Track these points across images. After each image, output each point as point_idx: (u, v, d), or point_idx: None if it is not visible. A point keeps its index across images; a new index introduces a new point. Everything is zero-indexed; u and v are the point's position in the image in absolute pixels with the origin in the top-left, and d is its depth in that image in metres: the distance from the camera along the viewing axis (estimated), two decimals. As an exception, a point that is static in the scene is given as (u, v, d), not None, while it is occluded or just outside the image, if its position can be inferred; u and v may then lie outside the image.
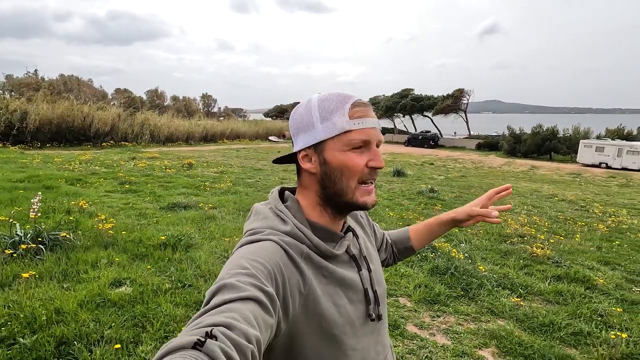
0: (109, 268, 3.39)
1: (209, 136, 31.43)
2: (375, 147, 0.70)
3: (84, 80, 41.27)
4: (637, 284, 4.04)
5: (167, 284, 3.16)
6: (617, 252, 5.20)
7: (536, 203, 9.18)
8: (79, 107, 20.91)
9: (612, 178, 18.41)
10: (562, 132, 28.23)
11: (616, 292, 3.67)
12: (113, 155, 15.39)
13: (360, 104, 0.70)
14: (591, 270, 4.27)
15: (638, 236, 6.20)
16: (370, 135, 0.69)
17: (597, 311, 3.22)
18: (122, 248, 3.97)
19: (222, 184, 8.95)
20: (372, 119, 0.70)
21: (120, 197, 6.90)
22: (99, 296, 2.78)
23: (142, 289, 2.98)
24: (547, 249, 4.83)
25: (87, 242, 3.95)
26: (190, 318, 2.05)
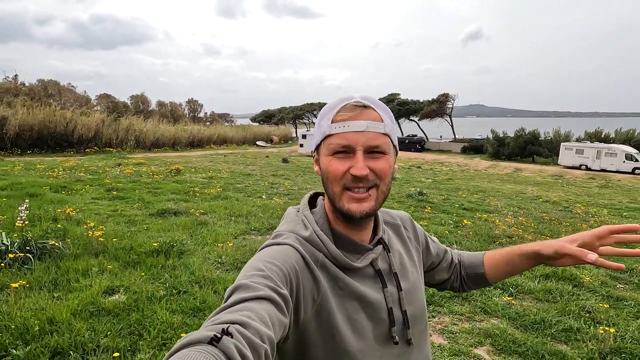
0: (101, 276, 3.33)
1: (195, 141, 31.12)
2: (360, 154, 0.64)
3: (64, 85, 40.36)
4: (621, 280, 4.19)
5: (161, 291, 3.12)
6: (601, 250, 5.38)
7: (522, 204, 9.41)
8: (61, 112, 20.42)
9: (592, 179, 19.03)
10: (543, 135, 29.07)
11: (602, 289, 3.80)
12: (98, 161, 15.08)
13: (350, 107, 0.66)
14: (577, 268, 4.40)
15: (619, 235, 6.42)
16: (351, 139, 0.64)
17: (585, 308, 3.32)
18: (113, 255, 3.90)
19: (211, 189, 8.88)
20: (358, 121, 0.64)
21: (107, 204, 6.77)
22: (92, 305, 2.72)
23: (136, 297, 2.93)
24: (534, 249, 4.96)
25: (76, 250, 3.86)
26: (187, 325, 2.03)
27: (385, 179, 0.67)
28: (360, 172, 0.63)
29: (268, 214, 6.50)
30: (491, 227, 6.20)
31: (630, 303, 3.48)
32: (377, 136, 0.65)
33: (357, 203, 0.65)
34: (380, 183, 0.66)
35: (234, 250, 4.33)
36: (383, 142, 0.65)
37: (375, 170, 0.65)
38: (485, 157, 30.52)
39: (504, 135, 30.60)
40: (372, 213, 0.67)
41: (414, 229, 0.86)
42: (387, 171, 0.66)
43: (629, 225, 0.75)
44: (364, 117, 0.65)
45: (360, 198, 0.65)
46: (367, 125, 0.64)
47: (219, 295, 3.17)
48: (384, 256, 0.74)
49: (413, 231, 0.85)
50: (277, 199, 8.30)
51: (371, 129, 0.64)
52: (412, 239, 0.84)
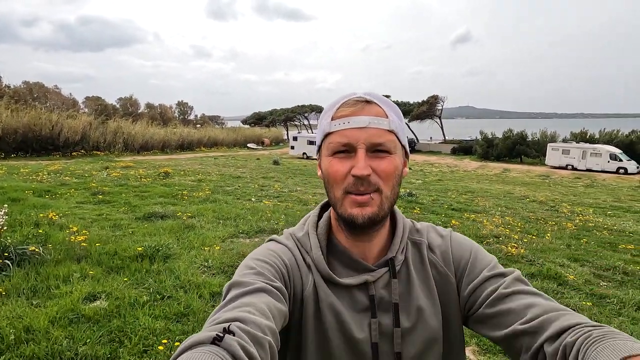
0: (83, 282, 3.25)
1: (185, 144, 30.85)
2: (361, 152, 0.57)
3: (50, 87, 39.67)
4: (605, 278, 4.26)
5: (145, 297, 3.05)
6: (585, 249, 5.46)
7: (509, 204, 9.53)
8: (46, 115, 20.04)
9: (577, 179, 19.39)
10: (530, 136, 29.56)
11: (586, 287, 3.85)
12: (84, 165, 14.82)
13: (352, 103, 0.59)
14: (562, 267, 4.47)
15: (604, 233, 6.54)
16: (351, 137, 0.57)
17: (569, 306, 3.35)
18: (95, 261, 3.82)
19: (200, 192, 8.79)
20: (359, 117, 0.58)
21: (92, 208, 6.64)
22: (72, 312, 2.65)
23: (118, 303, 2.87)
24: (521, 248, 5.01)
25: (57, 255, 3.77)
26: (170, 331, 1.96)
27: (389, 182, 0.59)
28: (361, 172, 0.56)
29: (257, 216, 6.46)
30: (479, 227, 6.26)
31: (613, 300, 3.54)
32: (380, 133, 0.58)
33: (359, 207, 0.58)
34: (383, 186, 0.58)
35: (221, 253, 4.28)
36: (388, 139, 0.58)
37: (377, 171, 0.58)
38: (474, 158, 30.88)
39: (492, 136, 31.02)
40: (375, 219, 0.59)
41: (446, 252, 0.66)
42: (391, 172, 0.59)
43: None
44: (365, 112, 0.59)
45: (362, 202, 0.58)
46: (369, 121, 0.58)
47: (204, 300, 3.12)
48: (384, 280, 0.63)
49: (444, 254, 0.66)
50: (267, 201, 8.25)
51: (374, 125, 0.58)
52: (438, 263, 0.65)
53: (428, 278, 0.64)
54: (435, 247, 0.67)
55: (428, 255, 0.66)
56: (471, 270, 0.63)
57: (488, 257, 0.65)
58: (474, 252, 0.65)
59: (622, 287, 3.98)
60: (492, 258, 0.64)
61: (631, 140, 25.44)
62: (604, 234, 6.48)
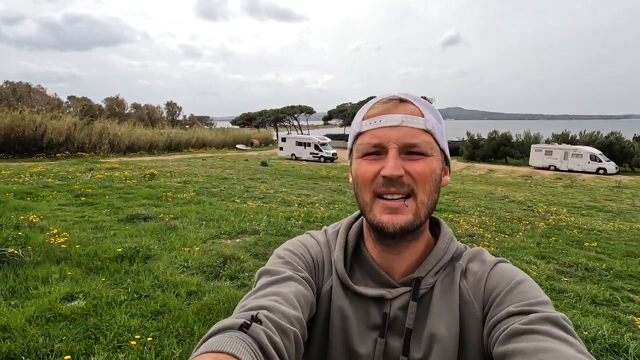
0: (61, 283, 3.33)
1: (173, 145, 30.64)
2: (393, 152, 0.53)
3: (35, 87, 38.94)
4: (567, 274, 4.51)
5: (122, 296, 3.15)
6: (554, 247, 5.73)
7: (489, 204, 9.82)
8: (30, 116, 19.73)
9: (558, 179, 19.94)
10: (515, 137, 30.22)
11: (547, 282, 4.08)
12: (68, 166, 14.66)
13: (385, 100, 0.56)
14: (528, 264, 4.70)
15: (573, 232, 6.84)
16: (381, 136, 0.54)
17: (529, 300, 3.57)
18: (75, 262, 3.89)
19: (185, 194, 8.84)
20: (391, 115, 0.54)
21: (75, 210, 6.66)
22: (49, 311, 2.74)
23: (96, 302, 2.96)
24: (492, 247, 5.24)
25: (37, 257, 3.82)
26: (145, 328, 2.10)
27: (425, 186, 0.54)
28: (392, 172, 0.52)
29: (240, 217, 6.57)
30: (455, 227, 6.48)
31: (570, 295, 3.77)
32: (414, 132, 0.54)
33: (390, 214, 0.53)
34: (418, 190, 0.53)
35: (201, 254, 4.39)
36: (423, 140, 0.54)
37: (411, 173, 0.53)
38: (461, 159, 31.42)
39: (478, 137, 31.61)
40: (408, 229, 0.54)
41: (480, 279, 0.56)
42: (427, 175, 0.54)
43: None
44: (399, 110, 0.55)
45: (394, 207, 0.53)
46: (402, 119, 0.54)
47: (181, 298, 3.23)
48: (402, 301, 0.57)
49: (477, 282, 0.56)
50: (251, 202, 8.36)
51: (407, 124, 0.54)
52: (467, 291, 0.56)
53: (453, 307, 0.55)
54: (471, 273, 0.57)
55: (460, 280, 0.57)
56: (500, 303, 0.52)
57: (533, 292, 0.51)
58: (515, 284, 0.53)
59: (581, 282, 4.22)
60: (538, 295, 0.51)
61: (610, 141, 26.24)
62: (574, 233, 6.78)
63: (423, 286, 0.57)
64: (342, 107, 47.59)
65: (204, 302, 3.05)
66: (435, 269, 0.58)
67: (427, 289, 0.57)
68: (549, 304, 0.50)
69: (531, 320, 0.46)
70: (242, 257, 4.42)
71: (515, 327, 0.46)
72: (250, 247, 4.90)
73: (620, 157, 25.33)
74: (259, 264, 4.32)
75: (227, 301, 3.06)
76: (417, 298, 0.56)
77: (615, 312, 3.44)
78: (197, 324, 2.70)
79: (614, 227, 7.61)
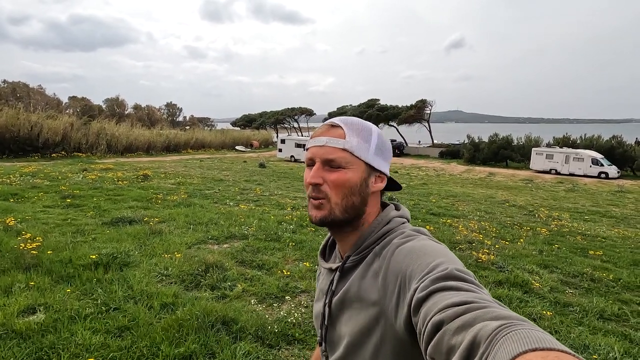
0: (24, 293, 3.07)
1: (171, 146, 30.40)
2: (316, 165, 0.70)
3: (34, 87, 38.80)
4: (572, 285, 4.24)
5: (89, 309, 2.90)
6: (557, 255, 5.46)
7: (489, 209, 9.55)
8: (25, 115, 19.52)
9: (560, 183, 19.65)
10: (516, 140, 29.95)
11: (550, 295, 3.81)
12: (62, 167, 14.43)
13: (323, 126, 0.74)
14: (530, 274, 4.43)
15: (577, 239, 6.57)
16: (313, 153, 0.71)
17: (531, 315, 3.31)
18: (46, 270, 3.63)
19: (175, 196, 8.59)
20: (320, 137, 0.71)
21: (59, 213, 6.41)
22: (2, 327, 2.49)
23: (57, 316, 2.71)
24: (492, 255, 4.98)
25: (4, 264, 3.58)
26: (107, 347, 1.94)
27: (338, 191, 0.69)
28: (310, 180, 0.70)
29: (230, 221, 6.32)
30: (453, 233, 6.22)
31: (576, 309, 3.51)
32: (333, 150, 0.70)
33: (314, 210, 0.71)
34: (332, 195, 0.70)
35: (182, 261, 4.13)
36: (339, 156, 0.69)
37: (328, 181, 0.70)
38: (461, 162, 31.14)
39: (479, 140, 31.34)
40: (324, 221, 0.71)
41: (387, 261, 0.65)
42: (340, 184, 0.69)
43: None
44: (327, 134, 0.72)
45: (315, 205, 0.71)
46: (326, 141, 0.70)
47: (154, 311, 2.97)
48: (335, 274, 0.75)
49: (386, 263, 0.65)
50: (244, 205, 8.11)
51: (330, 144, 0.70)
52: (377, 268, 0.67)
53: (365, 277, 0.69)
54: (382, 254, 0.69)
55: (374, 259, 0.69)
56: (406, 282, 0.59)
57: (429, 259, 0.58)
58: (413, 260, 0.61)
59: (587, 295, 3.96)
60: (433, 259, 0.57)
61: (611, 145, 25.96)
62: (578, 240, 6.51)
63: (349, 262, 0.73)
64: (343, 109, 47.40)
65: (176, 316, 2.79)
66: (359, 250, 0.72)
67: (353, 264, 0.73)
68: (440, 264, 0.56)
69: (426, 284, 0.53)
70: (227, 264, 4.16)
71: (417, 297, 0.53)
72: (237, 254, 4.64)
73: (622, 161, 25.01)
74: (244, 272, 4.06)
75: (202, 316, 2.80)
76: (342, 269, 0.74)
77: (626, 329, 3.18)
78: (163, 343, 2.44)
79: (618, 234, 7.34)
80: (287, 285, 3.71)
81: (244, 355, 2.46)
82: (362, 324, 0.66)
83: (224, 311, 2.94)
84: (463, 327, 0.43)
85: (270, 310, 3.21)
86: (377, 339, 0.64)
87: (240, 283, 3.70)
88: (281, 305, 3.33)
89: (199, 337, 2.56)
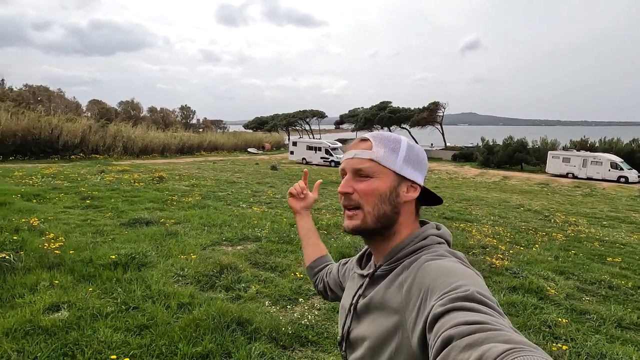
0: (49, 291, 3.20)
1: (185, 148, 30.91)
2: (347, 175, 0.76)
3: (54, 91, 40.00)
4: (589, 292, 4.16)
5: (110, 307, 3.00)
6: (573, 261, 5.36)
7: (503, 213, 9.42)
8: (46, 118, 20.15)
9: (577, 188, 19.22)
10: (531, 143, 29.42)
11: (566, 302, 3.76)
12: (81, 168, 14.84)
13: (355, 140, 0.80)
14: (545, 280, 4.37)
15: (595, 245, 6.43)
16: (345, 164, 0.78)
17: (546, 322, 3.27)
18: (69, 269, 3.77)
19: (190, 197, 8.75)
20: (351, 150, 0.78)
21: (79, 213, 6.61)
22: (29, 323, 2.60)
23: (80, 314, 2.81)
24: (506, 260, 4.92)
25: (29, 263, 3.72)
26: (128, 344, 2.05)
27: (368, 200, 0.73)
28: (341, 189, 0.76)
29: (243, 223, 6.41)
30: (467, 237, 6.17)
31: (593, 317, 3.45)
32: (361, 161, 0.75)
33: (347, 220, 0.76)
34: (364, 203, 0.73)
35: (198, 262, 4.23)
36: (367, 166, 0.74)
37: (357, 190, 0.74)
38: (475, 165, 30.73)
39: (493, 143, 30.90)
40: (357, 230, 0.75)
41: (413, 275, 0.66)
42: (369, 192, 0.73)
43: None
44: (356, 147, 0.78)
45: (349, 215, 0.76)
46: (355, 153, 0.76)
47: (171, 311, 3.06)
48: (363, 282, 0.80)
49: (412, 276, 0.67)
50: (256, 207, 8.20)
51: (358, 156, 0.76)
52: (402, 282, 0.69)
53: (391, 287, 0.71)
54: (408, 268, 0.70)
55: (401, 272, 0.71)
56: (426, 298, 0.60)
57: (451, 279, 0.58)
58: (435, 279, 0.61)
59: (605, 302, 3.88)
60: (456, 280, 0.58)
61: (631, 148, 25.26)
62: (595, 246, 6.38)
63: (380, 270, 0.76)
64: (354, 112, 47.38)
65: (193, 316, 2.86)
66: (392, 260, 0.74)
67: (383, 273, 0.75)
68: (464, 285, 0.56)
69: (444, 302, 0.54)
70: (241, 266, 4.23)
71: (433, 313, 0.54)
72: (250, 255, 4.71)
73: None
74: (257, 273, 4.12)
75: (218, 316, 2.87)
76: (372, 276, 0.77)
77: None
78: (182, 342, 2.51)
79: (638, 240, 7.15)
80: (300, 287, 3.76)
81: (259, 355, 2.51)
82: (382, 330, 0.68)
83: (239, 312, 3.00)
84: (471, 346, 0.44)
85: (284, 312, 3.26)
86: (393, 348, 0.65)
87: (254, 284, 3.77)
88: (294, 307, 3.38)
89: (216, 337, 2.63)
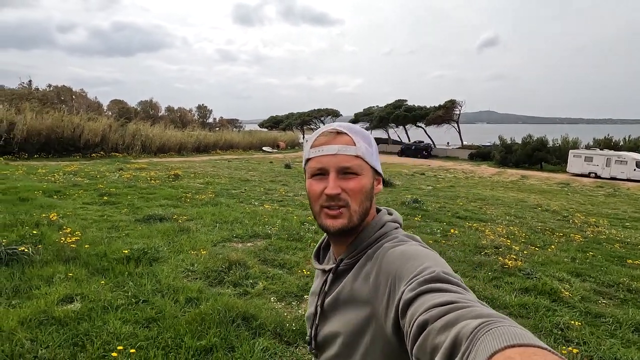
0: (64, 283, 3.32)
1: (201, 147, 31.40)
2: (332, 175, 0.70)
3: (77, 91, 41.34)
4: (605, 295, 4.02)
5: (120, 300, 3.09)
6: (591, 263, 5.18)
7: (519, 213, 9.19)
8: (68, 117, 20.84)
9: (599, 188, 18.53)
10: (551, 142, 28.54)
11: (581, 304, 3.64)
12: (101, 166, 15.30)
13: (327, 133, 0.73)
14: (560, 282, 4.24)
15: (615, 247, 6.19)
16: (324, 163, 0.71)
17: (559, 325, 3.18)
18: (84, 262, 3.90)
19: (203, 195, 8.89)
20: (330, 146, 0.71)
21: (96, 209, 6.82)
22: (44, 313, 2.71)
23: (92, 305, 2.91)
24: (519, 261, 4.80)
25: (47, 256, 3.87)
26: (136, 336, 2.08)
27: (357, 198, 0.71)
28: (332, 191, 0.70)
29: (254, 220, 6.47)
30: (479, 237, 6.05)
31: (609, 320, 3.33)
32: (348, 158, 0.71)
33: (331, 219, 0.72)
34: (351, 202, 0.71)
35: (207, 258, 4.30)
36: (354, 163, 0.71)
37: (346, 189, 0.70)
38: (492, 164, 30.05)
39: (511, 141, 30.14)
40: (344, 229, 0.71)
41: (378, 264, 0.67)
42: (357, 190, 0.70)
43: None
44: (336, 142, 0.72)
45: (334, 215, 0.71)
46: (338, 149, 0.71)
47: (179, 305, 3.12)
48: (327, 276, 0.78)
49: (377, 265, 0.67)
50: (268, 205, 8.27)
51: (342, 152, 0.71)
52: (368, 272, 0.69)
53: (357, 279, 0.70)
54: (373, 257, 0.71)
55: (366, 262, 0.71)
56: (394, 284, 0.61)
57: (417, 262, 0.60)
58: (402, 263, 0.62)
59: (622, 306, 3.74)
60: (421, 263, 0.59)
61: (660, 147, 24.18)
62: (615, 247, 6.14)
63: (343, 264, 0.75)
64: (369, 110, 47.09)
65: (199, 311, 2.91)
66: (354, 253, 0.74)
67: (347, 266, 0.74)
68: (428, 267, 0.57)
69: (413, 286, 0.54)
70: (250, 262, 4.28)
71: (405, 299, 0.54)
72: (259, 252, 4.76)
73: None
74: (266, 270, 4.16)
75: (224, 311, 2.91)
76: (336, 271, 0.76)
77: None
78: (187, 335, 2.56)
79: (663, 243, 6.84)
80: (307, 284, 3.77)
81: (262, 350, 2.53)
82: (355, 324, 0.67)
83: (244, 307, 3.04)
84: (446, 327, 0.45)
85: (290, 309, 3.28)
86: (368, 339, 0.65)
87: (261, 281, 3.80)
88: (300, 304, 3.39)
89: (220, 331, 2.67)
